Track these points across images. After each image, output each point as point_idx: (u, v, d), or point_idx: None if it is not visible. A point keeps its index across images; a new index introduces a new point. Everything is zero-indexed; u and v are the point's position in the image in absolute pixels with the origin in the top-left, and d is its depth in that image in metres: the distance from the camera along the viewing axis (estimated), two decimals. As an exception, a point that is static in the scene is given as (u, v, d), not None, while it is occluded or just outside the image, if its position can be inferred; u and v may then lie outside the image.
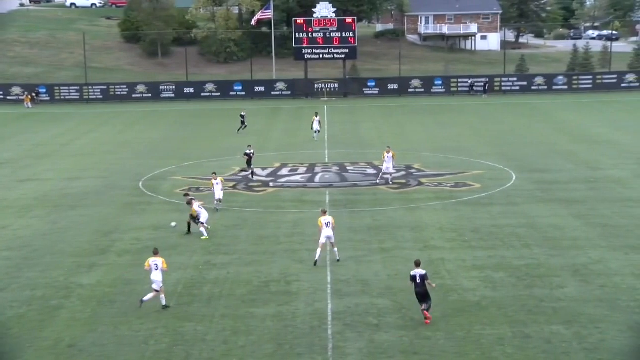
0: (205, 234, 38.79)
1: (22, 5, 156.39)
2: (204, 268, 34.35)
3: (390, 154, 50.99)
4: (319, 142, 67.59)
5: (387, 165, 51.04)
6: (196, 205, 39.48)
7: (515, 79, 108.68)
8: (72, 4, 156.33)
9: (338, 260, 34.69)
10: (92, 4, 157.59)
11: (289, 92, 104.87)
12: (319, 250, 34.56)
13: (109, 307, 30.09)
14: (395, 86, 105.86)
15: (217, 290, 31.62)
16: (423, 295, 27.97)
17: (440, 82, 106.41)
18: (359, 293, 31.08)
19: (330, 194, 48.53)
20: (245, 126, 74.45)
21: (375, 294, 31.00)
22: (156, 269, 29.84)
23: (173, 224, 39.51)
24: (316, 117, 70.38)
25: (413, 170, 55.31)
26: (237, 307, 29.75)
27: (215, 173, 45.58)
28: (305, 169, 56.72)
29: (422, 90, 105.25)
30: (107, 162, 60.72)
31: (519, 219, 41.85)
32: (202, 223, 39.08)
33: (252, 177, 53.46)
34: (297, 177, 54.05)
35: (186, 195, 42.02)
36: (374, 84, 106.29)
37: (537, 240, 37.66)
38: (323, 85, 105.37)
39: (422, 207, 44.53)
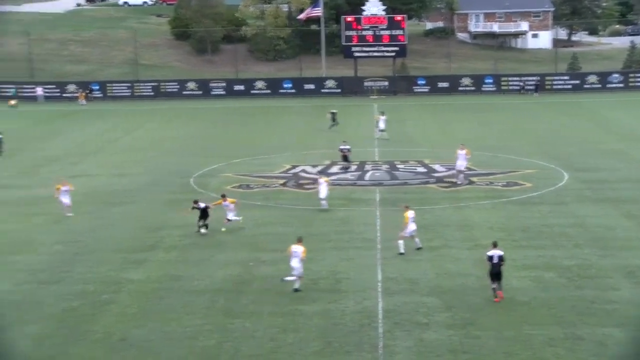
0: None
1: (78, 5, 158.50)
2: (253, 265, 34.38)
3: (464, 151, 50.51)
4: (381, 140, 66.79)
5: (460, 163, 50.54)
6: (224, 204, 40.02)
7: (567, 77, 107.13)
8: (124, 3, 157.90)
9: (418, 249, 35.56)
10: (144, 2, 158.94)
11: (339, 90, 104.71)
12: (402, 242, 35.23)
13: (158, 303, 30.26)
14: (446, 84, 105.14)
15: (265, 287, 31.63)
16: (497, 275, 29.28)
17: (490, 81, 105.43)
18: (408, 291, 30.87)
19: (379, 192, 48.31)
20: (337, 123, 73.71)
21: (424, 292, 30.77)
22: (295, 256, 30.70)
23: (203, 230, 39.17)
24: (382, 115, 69.27)
25: (464, 170, 54.74)
26: (285, 304, 29.72)
27: (321, 172, 45.70)
28: (355, 166, 56.53)
29: (473, 88, 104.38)
30: (156, 158, 61.14)
31: (569, 218, 41.29)
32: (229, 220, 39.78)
33: (347, 170, 53.63)
34: (347, 175, 53.89)
35: (223, 196, 41.25)
36: (424, 82, 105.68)
37: (588, 240, 37.09)
38: (372, 83, 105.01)
39: (471, 206, 44.13)
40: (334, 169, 55.97)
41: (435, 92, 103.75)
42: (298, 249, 31.18)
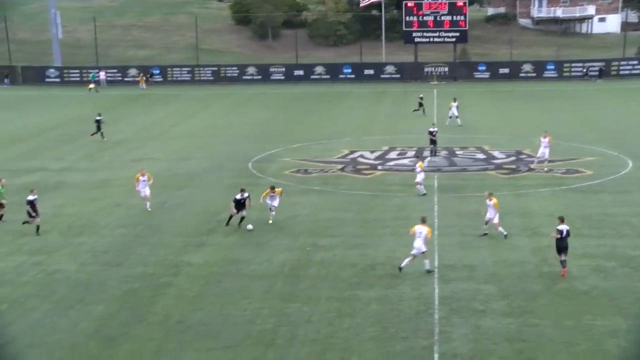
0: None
1: None
2: (311, 250, 34.54)
3: (547, 139, 50.01)
4: (451, 126, 66.27)
5: (543, 151, 50.04)
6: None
7: (635, 62, 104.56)
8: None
9: (506, 236, 35.41)
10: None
11: (398, 76, 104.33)
12: (500, 228, 35.48)
13: (216, 286, 30.59)
14: (506, 70, 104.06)
15: (322, 272, 31.77)
16: (565, 248, 30.71)
17: (552, 67, 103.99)
18: (465, 278, 30.74)
19: (438, 179, 48.08)
20: (423, 109, 73.21)
21: (481, 279, 30.60)
22: (419, 237, 30.93)
23: (249, 226, 37.88)
24: (454, 102, 68.83)
25: (523, 156, 54.30)
26: (342, 290, 29.82)
27: (418, 157, 45.66)
28: (413, 152, 56.34)
29: (534, 75, 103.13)
30: (216, 143, 61.66)
31: (633, 207, 40.59)
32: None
33: (434, 154, 53.54)
34: (405, 161, 53.74)
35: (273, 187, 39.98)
36: (484, 67, 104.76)
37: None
38: (432, 69, 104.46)
39: (531, 194, 43.68)
40: (392, 154, 55.83)
41: (495, 79, 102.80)
42: (422, 229, 31.21)
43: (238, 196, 38.15)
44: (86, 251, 35.22)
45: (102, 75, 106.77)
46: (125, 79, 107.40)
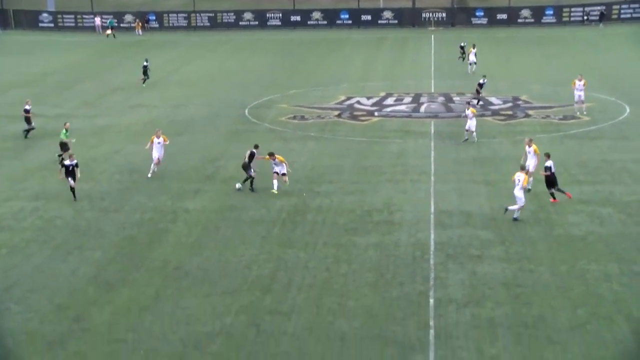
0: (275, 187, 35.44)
1: None
2: (308, 196, 34.62)
3: (582, 82, 49.75)
4: (470, 74, 64.78)
5: (579, 94, 49.78)
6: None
7: (637, 5, 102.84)
8: None
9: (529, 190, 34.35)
10: None
11: (396, 21, 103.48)
12: (531, 179, 34.76)
13: (214, 233, 30.74)
14: (504, 16, 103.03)
15: (320, 218, 31.90)
16: (555, 181, 32.87)
17: (551, 12, 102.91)
18: (462, 224, 30.88)
19: (435, 125, 48.03)
20: (464, 57, 70.73)
21: (478, 225, 30.75)
22: (518, 184, 30.93)
23: (238, 185, 35.99)
24: (473, 48, 67.13)
25: (520, 102, 54.17)
26: (339, 236, 29.99)
27: (469, 103, 45.27)
28: (410, 98, 56.19)
29: (532, 20, 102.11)
30: (213, 89, 61.42)
31: (631, 153, 40.62)
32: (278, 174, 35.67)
33: (477, 103, 52.44)
34: (402, 107, 53.61)
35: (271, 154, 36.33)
36: (482, 13, 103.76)
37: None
38: (430, 15, 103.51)
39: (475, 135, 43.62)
40: (389, 100, 55.66)
41: (493, 24, 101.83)
42: (520, 176, 31.11)
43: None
44: (83, 197, 35.29)
45: (97, 21, 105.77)
46: (121, 25, 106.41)
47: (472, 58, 66.89)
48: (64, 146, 40.45)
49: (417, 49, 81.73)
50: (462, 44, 71.37)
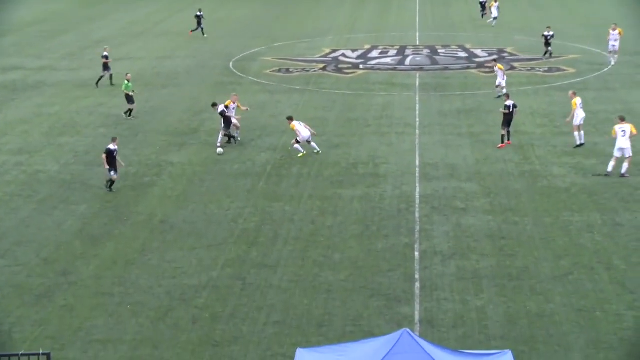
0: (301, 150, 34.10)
1: None
2: (293, 149, 34.59)
3: (617, 31, 49.46)
4: (491, 27, 64.12)
5: (613, 44, 49.58)
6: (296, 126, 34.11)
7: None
8: None
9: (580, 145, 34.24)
10: None
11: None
12: (577, 133, 34.32)
13: (199, 186, 30.74)
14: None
15: (305, 171, 31.93)
16: (510, 122, 34.46)
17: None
18: (447, 177, 31.00)
19: (420, 77, 47.94)
20: (485, 13, 67.78)
21: (463, 178, 30.87)
22: (623, 136, 30.54)
23: (220, 150, 34.33)
24: (495, 2, 64.91)
25: (505, 54, 54.05)
26: (324, 188, 30.06)
27: (495, 60, 44.78)
28: (395, 51, 55.98)
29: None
30: (198, 41, 60.94)
31: (615, 104, 40.72)
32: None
33: (549, 55, 51.65)
34: (387, 60, 53.43)
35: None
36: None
37: (635, 127, 36.39)
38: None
39: (514, 92, 43.45)
40: (374, 53, 55.43)
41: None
42: (625, 127, 30.69)
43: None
44: (68, 151, 35.18)
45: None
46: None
47: (494, 12, 64.51)
48: (129, 99, 39.85)
49: (401, 1, 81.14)
50: (482, 1, 67.94)
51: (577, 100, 34.69)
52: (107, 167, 29.91)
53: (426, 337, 18.35)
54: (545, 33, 51.54)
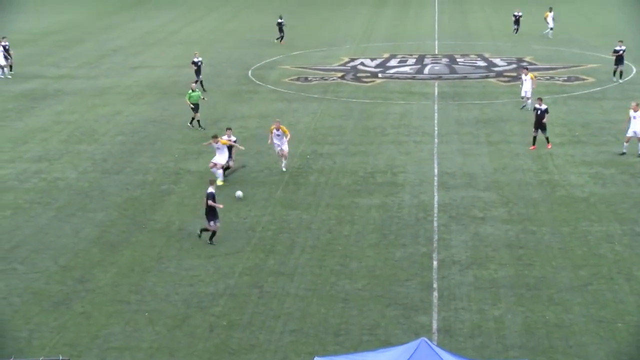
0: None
1: None
2: (311, 157, 34.59)
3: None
4: (515, 35, 63.64)
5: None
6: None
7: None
8: None
9: None
10: None
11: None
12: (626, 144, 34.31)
13: (217, 194, 30.65)
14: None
15: (322, 180, 31.90)
16: (542, 125, 34.88)
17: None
18: (465, 186, 30.89)
19: (438, 86, 47.86)
20: (517, 29, 65.46)
21: (481, 187, 30.76)
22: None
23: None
24: (550, 12, 63.18)
25: (524, 63, 53.85)
26: (342, 197, 30.01)
27: (527, 68, 43.75)
28: (414, 60, 55.91)
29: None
30: (215, 50, 61.11)
31: (634, 114, 40.40)
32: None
33: (619, 76, 48.77)
34: (406, 68, 53.37)
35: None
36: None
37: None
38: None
39: (532, 102, 43.47)
40: (393, 62, 55.40)
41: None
42: (638, 114, 30.61)
43: (225, 137, 32.35)
44: (86, 159, 35.32)
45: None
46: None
47: (550, 23, 62.78)
48: (196, 108, 39.36)
49: (418, 9, 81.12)
50: (517, 14, 65.39)
51: (636, 112, 33.85)
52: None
53: (444, 347, 18.26)
54: (617, 48, 48.23)
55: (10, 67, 52.34)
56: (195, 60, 46.71)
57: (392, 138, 37.53)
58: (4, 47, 51.44)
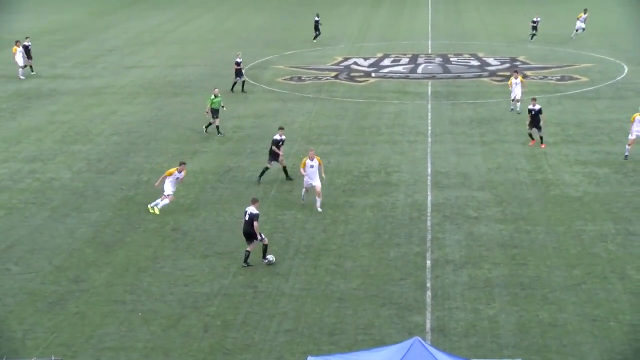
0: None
1: None
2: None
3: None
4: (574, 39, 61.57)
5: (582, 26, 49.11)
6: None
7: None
8: None
9: None
10: None
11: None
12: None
13: (211, 194, 30.79)
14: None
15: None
16: (537, 124, 35.32)
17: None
18: (459, 185, 30.96)
19: (432, 86, 47.93)
20: (534, 34, 62.02)
21: (475, 186, 30.82)
22: None
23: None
24: (584, 13, 61.26)
25: (518, 63, 53.96)
26: (336, 197, 30.04)
27: (517, 71, 43.10)
28: (407, 59, 55.99)
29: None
30: (210, 49, 61.11)
31: (628, 113, 40.28)
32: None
33: None
34: (400, 68, 53.44)
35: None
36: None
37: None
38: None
39: (525, 101, 43.52)
40: (386, 61, 55.46)
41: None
42: None
43: (277, 136, 31.96)
44: (81, 159, 35.31)
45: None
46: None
47: (581, 24, 60.97)
48: (215, 113, 38.19)
49: (413, 9, 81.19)
50: (535, 19, 62.43)
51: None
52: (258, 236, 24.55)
53: (438, 346, 18.33)
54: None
55: (31, 67, 52.39)
56: (238, 60, 46.26)
57: (387, 138, 37.60)
58: (25, 47, 51.53)
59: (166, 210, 28.95)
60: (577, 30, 61.69)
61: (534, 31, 61.76)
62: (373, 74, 51.66)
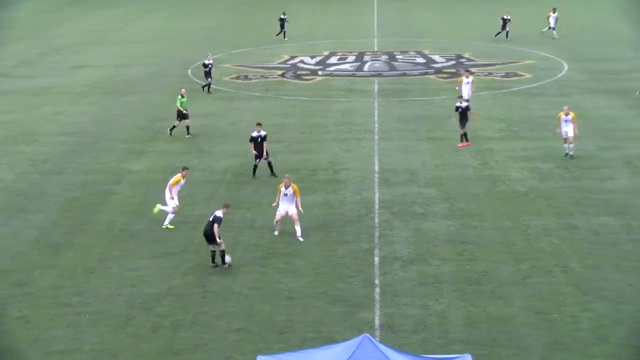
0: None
1: None
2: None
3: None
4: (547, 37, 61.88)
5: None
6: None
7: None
8: None
9: None
10: None
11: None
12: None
13: (159, 194, 30.46)
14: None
15: (265, 178, 31.86)
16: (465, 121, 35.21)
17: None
18: (406, 182, 31.16)
19: (379, 83, 48.18)
20: (504, 31, 62.04)
21: (422, 183, 31.05)
22: None
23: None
24: (554, 13, 61.67)
25: (463, 60, 54.49)
26: (285, 195, 29.99)
27: (469, 71, 43.12)
28: (354, 57, 56.19)
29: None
30: (157, 49, 60.70)
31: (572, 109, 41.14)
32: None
33: None
34: (346, 66, 53.62)
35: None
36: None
37: (589, 131, 37.02)
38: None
39: (472, 97, 43.97)
40: (333, 59, 55.63)
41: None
42: None
43: (254, 133, 32.10)
44: (25, 160, 34.81)
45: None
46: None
47: (552, 23, 61.41)
48: (181, 115, 37.21)
49: (362, 7, 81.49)
50: (505, 17, 61.96)
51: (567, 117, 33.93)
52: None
53: (387, 342, 18.41)
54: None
55: None
56: (206, 62, 45.75)
57: (334, 135, 37.70)
58: None
59: (114, 211, 28.70)
60: (548, 28, 61.63)
61: (503, 30, 61.17)
62: (320, 72, 51.76)
